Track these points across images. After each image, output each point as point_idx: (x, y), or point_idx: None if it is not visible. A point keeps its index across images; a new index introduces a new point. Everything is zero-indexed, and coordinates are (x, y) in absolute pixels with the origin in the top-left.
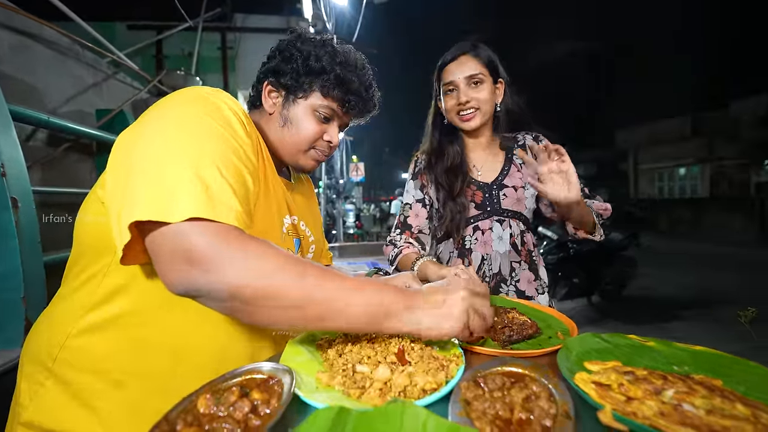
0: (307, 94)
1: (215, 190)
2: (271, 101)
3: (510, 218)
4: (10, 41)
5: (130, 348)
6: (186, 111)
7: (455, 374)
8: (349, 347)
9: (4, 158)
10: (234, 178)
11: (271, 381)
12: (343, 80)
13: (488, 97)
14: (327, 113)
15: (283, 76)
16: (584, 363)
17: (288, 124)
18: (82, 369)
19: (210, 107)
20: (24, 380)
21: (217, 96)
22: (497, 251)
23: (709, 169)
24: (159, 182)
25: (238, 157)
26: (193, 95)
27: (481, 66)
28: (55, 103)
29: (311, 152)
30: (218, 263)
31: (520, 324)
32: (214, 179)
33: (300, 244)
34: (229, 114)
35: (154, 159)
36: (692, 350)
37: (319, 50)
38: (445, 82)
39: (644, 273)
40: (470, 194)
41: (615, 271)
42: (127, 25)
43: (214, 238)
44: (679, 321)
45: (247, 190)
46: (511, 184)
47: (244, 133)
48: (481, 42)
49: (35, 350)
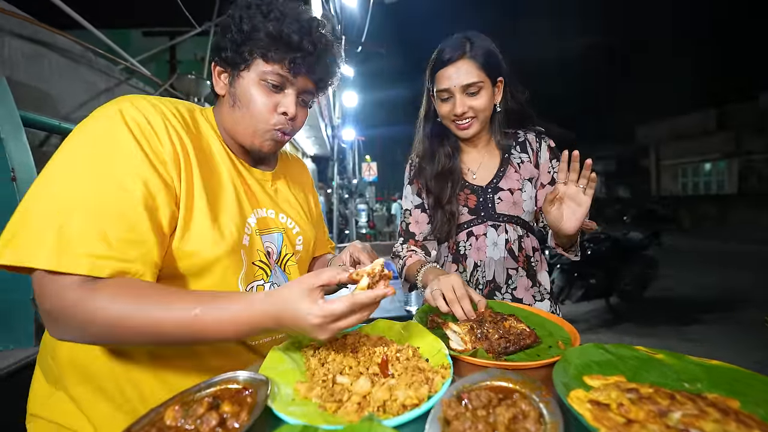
0: (249, 64)
1: (72, 238)
2: (221, 83)
3: (506, 223)
4: (24, 50)
5: (112, 355)
6: (79, 145)
7: (440, 388)
8: (332, 356)
9: (15, 163)
10: (108, 218)
11: (246, 392)
12: (279, 37)
13: (487, 104)
14: (275, 80)
15: (224, 50)
16: (584, 377)
17: (237, 103)
18: (76, 382)
19: (105, 135)
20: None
21: (121, 114)
22: (491, 258)
23: (736, 163)
24: (26, 226)
25: (124, 187)
26: (94, 124)
27: (479, 71)
28: (68, 109)
29: (268, 132)
30: (63, 322)
31: (518, 334)
32: (76, 227)
33: (283, 239)
34: (125, 137)
35: (32, 198)
36: (706, 365)
37: (251, 10)
38: (439, 88)
39: (665, 274)
40: (463, 198)
41: (635, 271)
42: (143, 31)
43: (56, 299)
44: (699, 324)
45: (133, 225)
46: (507, 187)
47: (142, 153)
48: (477, 36)
49: (42, 355)
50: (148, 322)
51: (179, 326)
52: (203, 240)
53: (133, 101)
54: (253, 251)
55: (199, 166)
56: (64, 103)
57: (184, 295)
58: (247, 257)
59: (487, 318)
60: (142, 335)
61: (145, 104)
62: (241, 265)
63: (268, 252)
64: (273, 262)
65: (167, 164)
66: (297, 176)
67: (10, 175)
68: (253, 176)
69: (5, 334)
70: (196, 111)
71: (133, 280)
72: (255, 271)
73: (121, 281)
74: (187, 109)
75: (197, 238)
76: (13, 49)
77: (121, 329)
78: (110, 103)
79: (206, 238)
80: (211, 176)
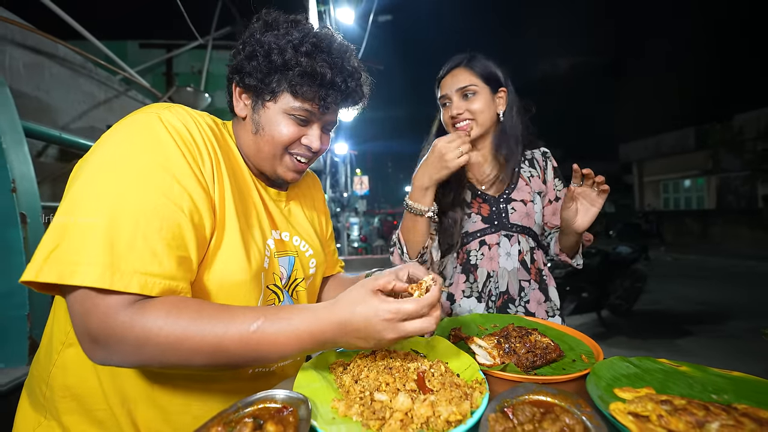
0: (276, 96)
1: (123, 254)
2: (242, 103)
3: (519, 233)
4: (25, 60)
5: (109, 380)
6: (121, 151)
7: (480, 403)
8: (365, 373)
9: (16, 174)
10: (158, 232)
11: (285, 411)
12: (312, 74)
13: (483, 107)
14: (303, 115)
15: (248, 76)
16: (615, 390)
17: (261, 131)
18: (67, 410)
19: (149, 141)
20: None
21: (161, 121)
22: (504, 268)
23: (714, 180)
24: (69, 240)
25: (173, 200)
26: (134, 129)
27: (473, 77)
28: (68, 119)
29: (287, 159)
30: (113, 345)
31: (543, 348)
32: (127, 241)
33: (294, 263)
34: (170, 144)
35: (73, 209)
36: (730, 376)
37: (281, 41)
38: (440, 96)
39: (653, 287)
40: (476, 207)
41: (624, 285)
42: (139, 43)
43: (104, 320)
44: (691, 337)
45: (182, 241)
46: (520, 198)
47: (187, 164)
48: (478, 54)
49: (32, 382)
50: (209, 340)
51: (240, 342)
52: (233, 264)
53: (170, 108)
54: (270, 274)
55: (230, 183)
56: (64, 113)
57: (244, 310)
58: (265, 281)
59: (513, 332)
60: (201, 354)
61: (182, 112)
62: (261, 289)
63: (281, 275)
64: (283, 286)
65: (207, 177)
66: (309, 193)
67: (10, 186)
68: (269, 196)
69: None
70: (221, 124)
71: (184, 299)
72: (269, 295)
73: (173, 299)
74: (214, 121)
75: (227, 261)
76: (14, 58)
77: (179, 349)
78: (145, 109)
79: (235, 262)
80: (240, 194)
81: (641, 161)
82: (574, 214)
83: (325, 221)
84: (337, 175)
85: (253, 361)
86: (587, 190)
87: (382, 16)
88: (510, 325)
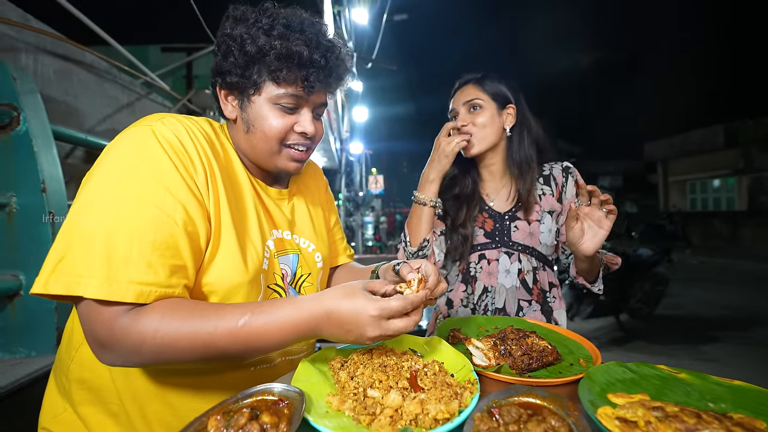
0: (259, 88)
1: (120, 266)
2: (230, 106)
3: (520, 252)
4: (55, 66)
5: (122, 378)
6: (116, 167)
7: (469, 403)
8: (360, 370)
9: (45, 176)
10: (152, 244)
11: (282, 404)
12: (288, 55)
13: (486, 122)
14: (290, 103)
15: (228, 74)
16: (608, 395)
17: (252, 129)
18: (83, 401)
19: (142, 156)
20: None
21: (154, 135)
22: (502, 284)
23: (746, 180)
24: (72, 253)
25: (166, 212)
26: (128, 144)
27: (481, 92)
28: (93, 122)
29: (285, 151)
30: (116, 348)
31: (540, 351)
32: (123, 254)
33: (298, 260)
34: (162, 158)
35: (75, 223)
36: (730, 385)
37: (251, 30)
38: (450, 110)
39: (675, 291)
40: (481, 221)
41: (645, 288)
42: (162, 47)
43: (106, 327)
44: (715, 343)
45: (176, 251)
46: (525, 217)
47: (179, 176)
48: (492, 74)
49: (57, 367)
50: (201, 338)
51: (230, 337)
52: (229, 268)
53: (163, 120)
54: (270, 274)
55: (225, 190)
56: (90, 116)
57: (233, 307)
58: (265, 281)
59: (510, 335)
60: (195, 351)
61: (175, 123)
62: (260, 290)
63: (283, 274)
64: (287, 284)
65: (200, 186)
66: (311, 185)
67: (41, 187)
68: (269, 196)
69: (28, 341)
70: (218, 128)
71: (178, 301)
72: (270, 295)
73: (167, 302)
74: (211, 126)
75: (224, 265)
76: (45, 65)
77: (173, 348)
78: (140, 122)
79: (232, 266)
80: (236, 200)
81: (666, 160)
82: (580, 236)
83: (328, 211)
84: (352, 174)
85: (245, 353)
86: (594, 210)
87: (398, 15)
88: (509, 327)
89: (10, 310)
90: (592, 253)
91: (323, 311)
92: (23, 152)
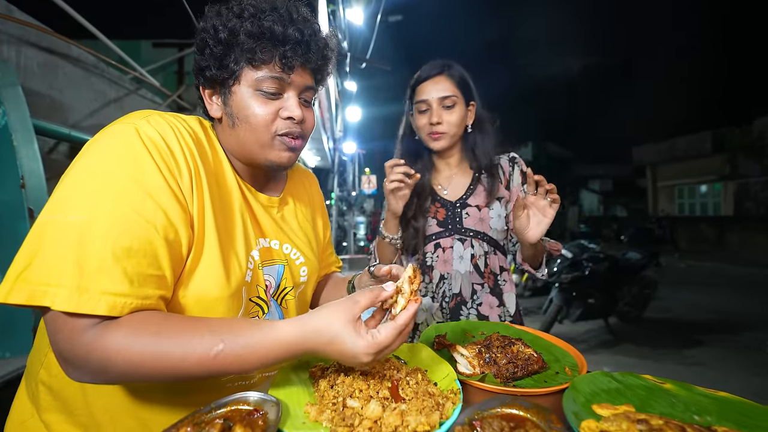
0: (238, 76)
1: (92, 275)
2: (214, 105)
3: (472, 238)
4: (39, 59)
5: (92, 389)
6: (94, 166)
7: (451, 414)
8: (341, 378)
9: (25, 171)
10: (127, 251)
11: (256, 414)
12: (260, 33)
13: (459, 121)
14: (271, 87)
15: (207, 69)
16: (593, 406)
17: (236, 122)
18: (50, 407)
19: (122, 155)
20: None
21: (137, 133)
22: (458, 271)
23: (732, 186)
24: (40, 258)
25: (145, 217)
26: (109, 142)
27: (454, 87)
28: (79, 117)
29: (277, 141)
30: (80, 366)
31: (525, 359)
32: (96, 262)
33: (284, 271)
34: (145, 158)
35: (46, 225)
36: (715, 396)
37: (222, 17)
38: (418, 99)
39: (663, 295)
40: (434, 211)
41: (633, 292)
42: (153, 42)
43: (68, 342)
44: (702, 347)
45: (154, 259)
46: (475, 204)
47: (162, 178)
48: (455, 63)
49: (27, 374)
50: (169, 364)
51: (200, 365)
52: (210, 281)
53: (148, 118)
54: (253, 287)
55: (211, 194)
56: (75, 111)
57: (206, 328)
58: (247, 294)
59: (495, 342)
60: (162, 375)
61: (160, 121)
62: (241, 304)
63: (267, 285)
64: (270, 296)
65: (185, 190)
66: (306, 196)
67: (20, 183)
68: (258, 202)
69: (3, 342)
70: (208, 127)
71: (146, 315)
72: (251, 308)
73: (135, 317)
74: (201, 125)
75: (204, 277)
76: (29, 58)
77: (139, 371)
78: (124, 120)
79: (213, 279)
80: (222, 205)
81: (655, 165)
82: (526, 224)
83: (322, 225)
84: (345, 174)
85: (218, 377)
86: (539, 199)
87: (392, 16)
88: (494, 334)
89: None
90: (536, 240)
91: (305, 347)
92: (2, 146)
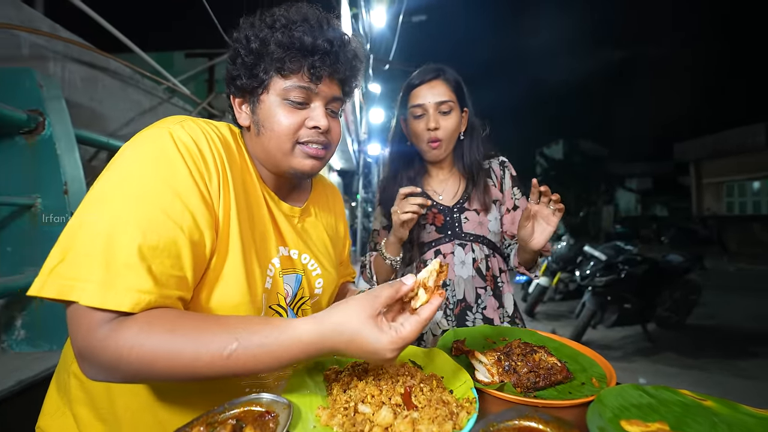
0: (267, 85)
1: (120, 271)
2: (243, 113)
3: (472, 242)
4: (82, 74)
5: (117, 385)
6: (127, 168)
7: (464, 425)
8: (354, 382)
9: (68, 177)
10: (157, 252)
11: (268, 416)
12: (290, 43)
13: (455, 127)
14: (298, 96)
15: (238, 78)
16: (621, 422)
17: (262, 129)
18: (79, 400)
19: (155, 157)
20: (48, 400)
21: (171, 137)
22: (460, 276)
23: None
24: (71, 254)
25: (173, 218)
26: (144, 145)
27: (451, 92)
28: (116, 125)
29: (299, 149)
30: (94, 363)
31: (548, 368)
32: (124, 258)
33: (301, 281)
34: (177, 160)
35: (79, 224)
36: (764, 417)
37: (255, 28)
38: (413, 104)
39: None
40: (431, 217)
41: (675, 296)
42: (185, 53)
43: (85, 338)
44: (753, 359)
45: (179, 260)
46: (473, 208)
47: (192, 180)
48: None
49: (59, 368)
50: (182, 363)
51: (213, 367)
52: (231, 286)
53: (182, 123)
54: (273, 294)
55: (237, 199)
56: (113, 120)
57: (220, 325)
58: (267, 301)
59: (516, 349)
60: (175, 375)
61: (194, 127)
62: (261, 311)
63: (286, 294)
64: (287, 304)
65: (212, 193)
66: (328, 209)
67: (63, 189)
68: (281, 210)
69: (50, 336)
70: (237, 134)
71: (160, 312)
72: (271, 316)
73: (148, 314)
74: (231, 131)
75: (227, 282)
76: (72, 72)
77: (151, 369)
78: (158, 124)
79: (234, 284)
80: (247, 211)
81: (699, 161)
82: (531, 233)
83: (343, 239)
84: (370, 176)
85: (233, 376)
86: (543, 208)
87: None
88: (515, 341)
89: (35, 306)
90: (541, 247)
91: (323, 345)
92: (47, 155)
